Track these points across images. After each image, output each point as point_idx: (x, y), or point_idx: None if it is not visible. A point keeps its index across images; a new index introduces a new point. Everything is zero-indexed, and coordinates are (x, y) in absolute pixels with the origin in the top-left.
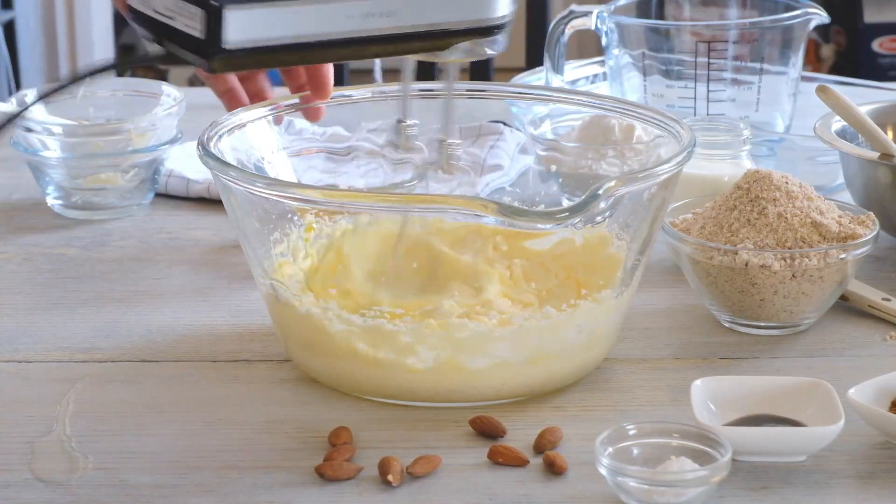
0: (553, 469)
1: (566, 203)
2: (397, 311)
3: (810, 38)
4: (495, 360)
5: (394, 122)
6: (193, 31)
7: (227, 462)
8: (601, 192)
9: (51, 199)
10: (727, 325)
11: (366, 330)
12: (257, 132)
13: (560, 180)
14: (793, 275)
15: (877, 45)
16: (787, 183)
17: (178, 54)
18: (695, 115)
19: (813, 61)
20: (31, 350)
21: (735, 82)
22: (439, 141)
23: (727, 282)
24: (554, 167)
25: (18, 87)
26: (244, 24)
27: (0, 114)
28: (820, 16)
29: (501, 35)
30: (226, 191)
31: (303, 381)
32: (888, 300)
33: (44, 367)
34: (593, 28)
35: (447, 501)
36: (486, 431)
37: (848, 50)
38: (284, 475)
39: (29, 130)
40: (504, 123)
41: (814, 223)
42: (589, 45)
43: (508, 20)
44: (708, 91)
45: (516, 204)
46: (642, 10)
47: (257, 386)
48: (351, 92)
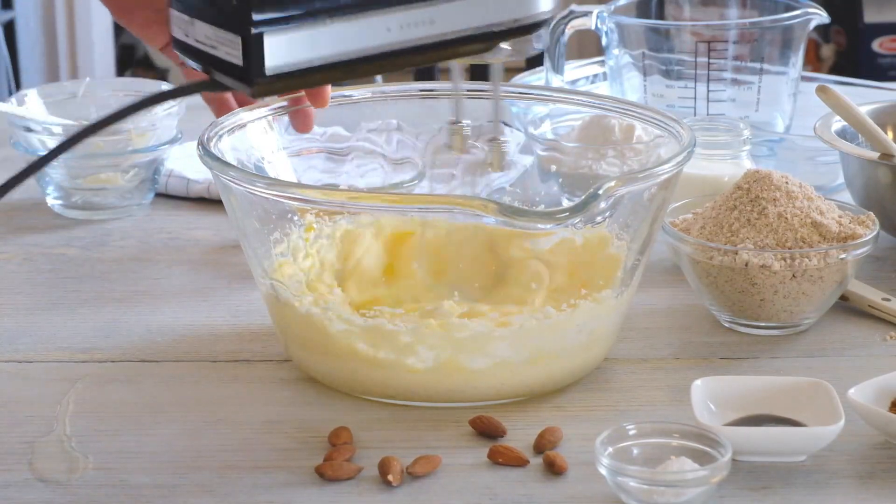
0: (553, 469)
1: (566, 203)
2: (397, 311)
3: (810, 38)
4: (495, 360)
5: (447, 124)
6: (234, 59)
7: (227, 462)
8: (601, 192)
9: (51, 199)
10: (727, 325)
11: (366, 330)
12: (257, 132)
13: (560, 180)
14: (793, 275)
15: (877, 45)
16: (787, 183)
17: (224, 82)
18: (695, 115)
19: (813, 61)
20: (31, 350)
21: (735, 82)
22: (489, 140)
23: (727, 282)
24: (554, 167)
25: (18, 87)
26: (284, 48)
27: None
28: (820, 16)
29: (545, 30)
30: (226, 191)
31: (303, 381)
32: (888, 300)
33: (44, 367)
34: (593, 28)
35: (447, 501)
36: (486, 431)
37: (848, 50)
38: (284, 475)
39: (29, 130)
40: (504, 123)
41: (814, 223)
42: (589, 45)
43: (551, 15)
44: (708, 91)
45: (516, 204)
46: (642, 10)
47: (257, 386)
48: (351, 92)
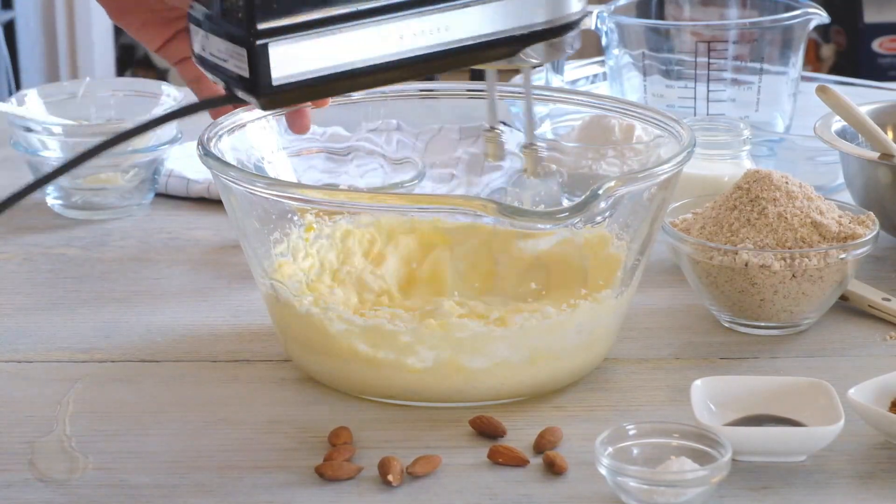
0: (553, 469)
1: (566, 203)
2: (397, 311)
3: (810, 38)
4: (495, 360)
5: (483, 131)
6: (242, 71)
7: (227, 462)
8: (601, 192)
9: (51, 199)
10: (727, 325)
11: (366, 330)
12: (257, 132)
13: (560, 180)
14: (793, 275)
15: (877, 45)
16: (787, 183)
17: (239, 95)
18: (695, 115)
19: (813, 61)
20: (31, 350)
21: (735, 82)
22: (523, 146)
23: (727, 282)
24: (554, 167)
25: (18, 87)
26: (291, 59)
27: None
28: (820, 16)
29: (575, 32)
30: (226, 191)
31: (303, 381)
32: (888, 300)
33: (44, 367)
34: (593, 28)
35: (447, 501)
36: (486, 431)
37: (848, 50)
38: (284, 475)
39: (29, 130)
40: (504, 123)
41: (814, 223)
42: (589, 45)
43: (580, 16)
44: (708, 91)
45: (516, 204)
46: (642, 10)
47: (257, 386)
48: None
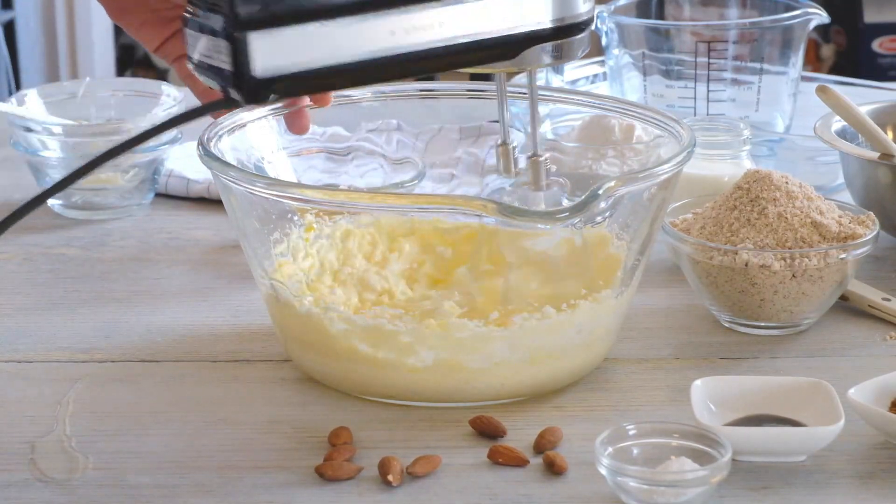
0: (553, 469)
1: (566, 203)
2: (397, 311)
3: (810, 38)
4: (495, 360)
5: (496, 147)
6: (227, 65)
7: (227, 462)
8: (601, 192)
9: (51, 199)
10: (727, 325)
11: (366, 330)
12: (257, 132)
13: (565, 191)
14: (793, 275)
15: (877, 45)
16: (787, 183)
17: (230, 94)
18: (695, 115)
19: (813, 61)
20: (31, 350)
21: (735, 82)
22: (528, 156)
23: (727, 282)
24: (554, 167)
25: (18, 87)
26: (273, 50)
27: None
28: (820, 16)
29: (582, 35)
30: (226, 191)
31: (303, 381)
32: (888, 300)
33: (44, 367)
34: (593, 28)
35: (447, 501)
36: (486, 431)
37: (848, 50)
38: (284, 475)
39: (29, 130)
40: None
41: (814, 223)
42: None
43: (585, 17)
44: (708, 91)
45: (516, 204)
46: (642, 10)
47: (257, 386)
48: (351, 92)
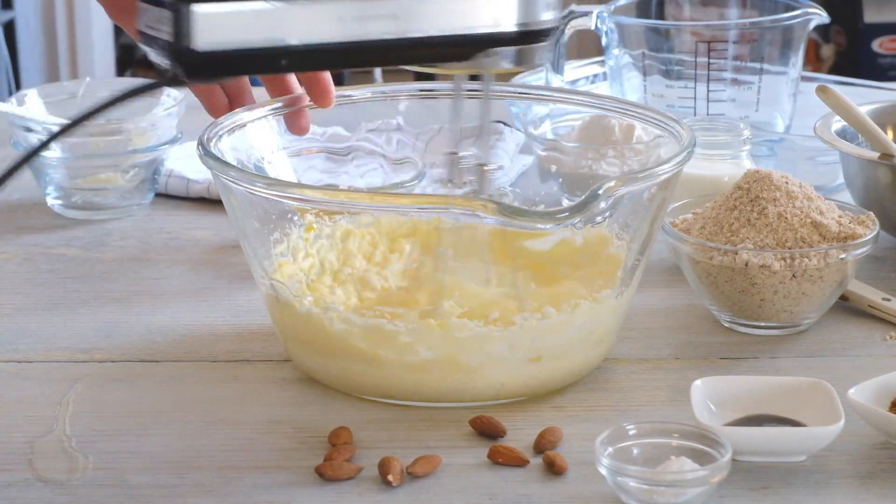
0: (553, 469)
1: (566, 203)
2: (398, 311)
3: (810, 38)
4: (495, 360)
5: (447, 156)
6: (169, 36)
7: (227, 462)
8: (601, 192)
9: (51, 199)
10: (727, 325)
11: (366, 330)
12: (257, 132)
13: (560, 180)
14: (793, 275)
15: (877, 45)
16: (787, 183)
17: (174, 69)
18: (695, 115)
19: (813, 61)
20: (31, 350)
21: (735, 82)
22: (475, 167)
23: (727, 282)
24: (554, 167)
25: (18, 87)
26: (217, 25)
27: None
28: (820, 16)
29: (544, 43)
30: (226, 191)
31: (303, 381)
32: (888, 300)
33: (44, 367)
34: (593, 28)
35: (447, 501)
36: (486, 431)
37: (848, 50)
38: (284, 475)
39: (29, 130)
40: (504, 123)
41: (814, 223)
42: (589, 45)
43: (550, 26)
44: (708, 91)
45: (516, 204)
46: (642, 10)
47: (257, 386)
48: (351, 92)
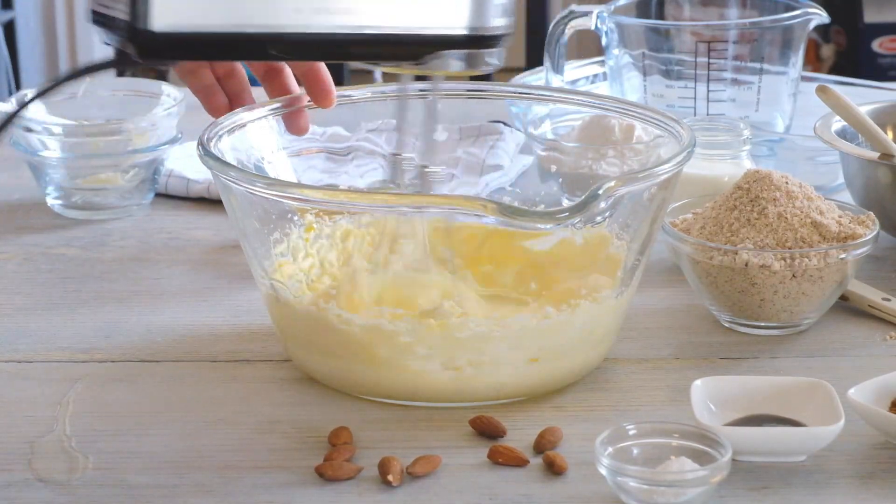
0: (553, 469)
1: (566, 203)
2: (398, 311)
3: (810, 38)
4: (495, 360)
5: (389, 156)
6: (124, 15)
7: (227, 462)
8: (601, 192)
9: (51, 199)
10: (727, 325)
11: (366, 330)
12: (257, 132)
13: (560, 180)
14: (793, 275)
15: (877, 45)
16: (787, 183)
17: (124, 48)
18: (695, 115)
19: (813, 61)
20: (31, 350)
21: (735, 82)
22: (418, 168)
23: (727, 282)
24: (554, 167)
25: (18, 87)
26: (173, 6)
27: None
28: (820, 16)
29: (495, 49)
30: (226, 191)
31: (303, 381)
32: (888, 300)
33: (44, 367)
34: (593, 28)
35: (447, 501)
36: (486, 431)
37: (848, 50)
38: (284, 475)
39: (29, 130)
40: (504, 123)
41: (814, 223)
42: (589, 45)
43: (502, 32)
44: (708, 91)
45: (516, 204)
46: (642, 10)
47: (257, 386)
48: (351, 92)
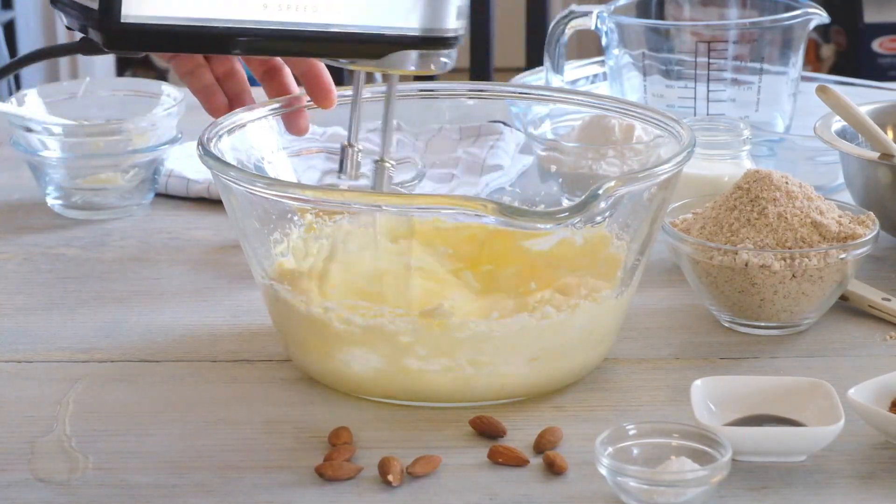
0: (553, 469)
1: (566, 203)
2: (398, 311)
3: (810, 38)
4: (495, 360)
5: (341, 147)
6: (93, 4)
7: (227, 462)
8: (601, 192)
9: (51, 199)
10: (727, 325)
11: (366, 330)
12: (257, 132)
13: (560, 180)
14: (793, 275)
15: (877, 45)
16: (787, 183)
17: (91, 37)
18: (695, 115)
19: (813, 61)
20: (31, 350)
21: (735, 82)
22: (375, 161)
23: (727, 282)
24: (554, 167)
25: (18, 87)
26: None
27: None
28: (820, 16)
29: (448, 50)
30: (226, 191)
31: (303, 381)
32: (888, 300)
33: (44, 367)
34: (593, 28)
35: (447, 501)
36: (486, 431)
37: (848, 50)
38: (284, 475)
39: (29, 130)
40: (504, 123)
41: (814, 223)
42: (589, 45)
43: (455, 34)
44: (708, 91)
45: (516, 204)
46: (642, 10)
47: (257, 386)
48: (351, 92)
